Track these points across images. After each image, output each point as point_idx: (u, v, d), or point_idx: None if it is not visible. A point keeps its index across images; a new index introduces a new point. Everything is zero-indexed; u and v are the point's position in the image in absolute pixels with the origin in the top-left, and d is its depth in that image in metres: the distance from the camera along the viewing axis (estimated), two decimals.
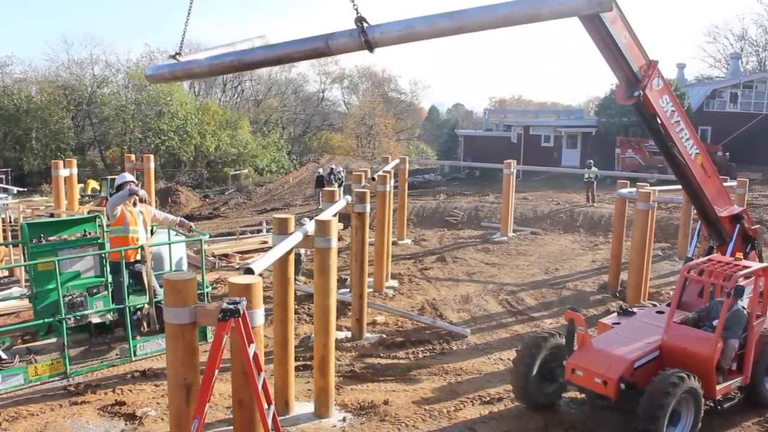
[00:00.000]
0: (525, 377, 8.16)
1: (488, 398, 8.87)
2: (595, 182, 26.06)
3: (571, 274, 16.12)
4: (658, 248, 18.09)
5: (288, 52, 6.38)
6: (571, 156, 39.22)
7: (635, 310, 9.38)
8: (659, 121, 8.14)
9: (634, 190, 13.86)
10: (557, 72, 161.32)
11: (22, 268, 14.04)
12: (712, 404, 7.91)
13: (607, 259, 16.01)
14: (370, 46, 5.77)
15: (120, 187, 9.81)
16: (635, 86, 7.75)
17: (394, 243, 17.85)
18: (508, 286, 14.84)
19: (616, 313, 9.40)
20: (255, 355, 5.10)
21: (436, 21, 5.63)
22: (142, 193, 9.94)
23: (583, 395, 8.28)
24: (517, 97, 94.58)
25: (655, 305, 9.67)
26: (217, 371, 4.99)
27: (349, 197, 11.07)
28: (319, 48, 6.03)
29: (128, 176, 10.11)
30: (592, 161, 27.04)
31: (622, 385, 7.48)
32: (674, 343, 7.91)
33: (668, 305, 8.88)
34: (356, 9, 5.77)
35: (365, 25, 5.70)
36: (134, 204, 9.83)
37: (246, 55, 6.55)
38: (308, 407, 8.31)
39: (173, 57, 7.79)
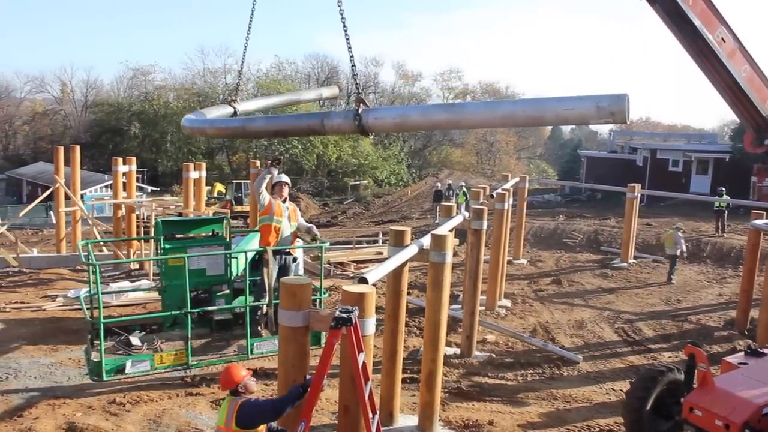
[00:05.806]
0: (638, 411, 7.80)
1: (597, 429, 8.56)
2: (726, 211, 24.60)
3: (694, 307, 15.29)
4: None
5: (285, 127, 6.88)
6: (700, 182, 37.29)
7: (766, 351, 8.77)
8: None
9: None
10: (689, 93, 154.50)
11: (152, 261, 14.95)
12: None
13: (736, 294, 15.09)
14: (363, 130, 5.89)
15: (275, 187, 10.32)
16: (766, 133, 7.15)
17: (509, 262, 17.60)
18: (626, 315, 14.28)
19: (743, 353, 8.81)
20: (364, 364, 5.18)
21: (432, 113, 5.55)
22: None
23: None
24: (645, 118, 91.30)
25: None
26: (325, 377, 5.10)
27: (466, 213, 11.04)
28: (315, 126, 6.27)
29: (284, 177, 10.58)
30: (724, 189, 25.56)
31: (747, 431, 7.01)
32: None
33: None
34: (359, 91, 6.09)
35: (361, 108, 5.82)
36: (284, 201, 10.28)
37: (249, 123, 7.20)
38: (412, 420, 8.31)
39: (228, 102, 8.48)
